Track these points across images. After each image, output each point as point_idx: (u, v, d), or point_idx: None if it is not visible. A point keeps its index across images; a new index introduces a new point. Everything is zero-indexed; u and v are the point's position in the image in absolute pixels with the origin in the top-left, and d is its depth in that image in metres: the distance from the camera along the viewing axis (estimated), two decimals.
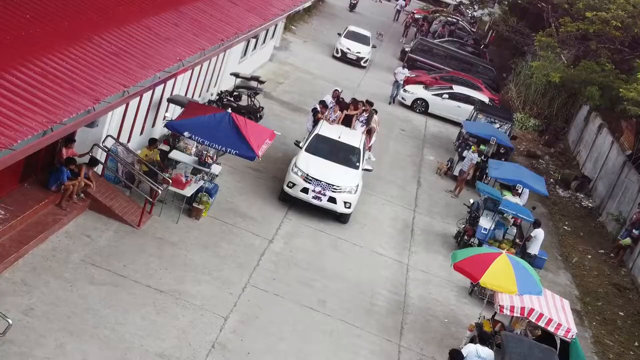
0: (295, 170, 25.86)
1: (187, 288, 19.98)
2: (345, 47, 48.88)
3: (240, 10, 24.59)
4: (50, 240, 20.07)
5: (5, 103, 11.94)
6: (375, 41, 57.94)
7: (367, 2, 77.33)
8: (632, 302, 28.17)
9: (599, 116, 39.66)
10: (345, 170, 26.68)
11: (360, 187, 26.63)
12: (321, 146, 27.29)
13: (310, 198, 25.50)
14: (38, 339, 16.36)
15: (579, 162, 42.55)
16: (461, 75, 49.10)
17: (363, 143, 28.42)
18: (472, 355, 18.45)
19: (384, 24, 67.86)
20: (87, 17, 17.31)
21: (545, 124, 46.62)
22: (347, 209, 25.86)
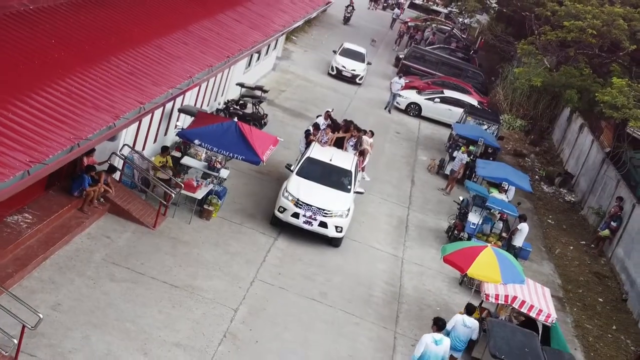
0: (285, 194, 24.29)
1: (200, 283, 20.16)
2: (341, 64, 46.65)
3: (243, 27, 24.61)
4: (74, 242, 20.24)
5: (35, 121, 12.41)
6: (369, 47, 57.62)
7: (363, 11, 76.44)
8: (611, 289, 28.26)
9: (581, 116, 39.56)
10: (336, 193, 25.07)
11: (352, 211, 24.98)
12: (312, 169, 25.69)
13: (301, 223, 23.88)
14: (65, 331, 16.60)
15: (562, 159, 42.43)
16: (452, 80, 48.90)
17: (355, 165, 26.84)
18: (459, 324, 18.90)
19: (379, 33, 67.43)
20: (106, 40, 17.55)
21: (531, 124, 46.45)
22: (339, 233, 24.27)
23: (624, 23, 30.51)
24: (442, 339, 17.74)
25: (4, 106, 12.13)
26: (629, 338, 24.77)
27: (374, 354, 19.72)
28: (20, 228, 18.74)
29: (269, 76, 42.15)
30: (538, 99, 43.84)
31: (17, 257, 18.15)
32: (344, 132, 29.14)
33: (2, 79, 13.05)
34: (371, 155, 30.53)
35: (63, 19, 16.57)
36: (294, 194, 24.10)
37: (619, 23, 30.42)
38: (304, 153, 26.77)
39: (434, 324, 18.16)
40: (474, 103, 44.12)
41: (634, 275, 27.27)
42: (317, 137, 27.81)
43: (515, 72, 40.74)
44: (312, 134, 28.14)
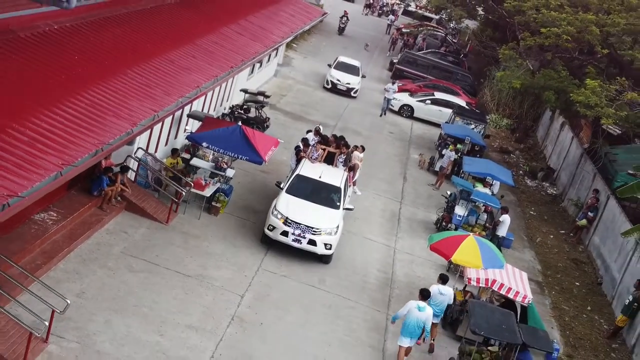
0: (275, 213, 23.22)
1: (209, 272, 20.87)
2: (336, 78, 44.67)
3: (245, 40, 25.06)
4: (95, 237, 20.89)
5: (64, 128, 13.33)
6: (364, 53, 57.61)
7: (358, 17, 76.45)
8: (587, 274, 28.93)
9: (562, 115, 39.87)
10: (325, 211, 23.95)
11: (341, 227, 23.90)
12: (302, 187, 24.58)
13: (290, 241, 22.81)
14: (90, 316, 17.36)
15: (545, 155, 42.80)
16: (442, 83, 49.13)
17: (345, 181, 25.65)
18: (436, 293, 20.06)
19: (374, 38, 67.48)
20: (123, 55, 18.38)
21: (516, 123, 46.68)
22: (328, 250, 23.19)
23: (596, 29, 31.07)
24: (425, 307, 18.88)
25: (37, 116, 13.09)
26: (603, 318, 25.52)
27: (367, 333, 20.50)
28: (47, 225, 19.41)
29: (271, 82, 42.48)
30: (523, 100, 44.23)
31: (45, 251, 18.84)
32: (335, 148, 28.23)
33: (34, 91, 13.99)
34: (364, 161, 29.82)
35: (85, 37, 17.37)
36: (283, 212, 23.15)
37: (591, 29, 30.99)
38: (294, 170, 25.77)
39: (420, 293, 19.32)
40: (463, 104, 44.40)
41: (608, 261, 28.03)
42: (308, 153, 26.82)
43: (497, 76, 41.27)
44: (302, 151, 27.15)
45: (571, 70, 35.57)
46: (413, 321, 18.71)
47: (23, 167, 11.30)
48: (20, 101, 13.34)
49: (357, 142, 36.41)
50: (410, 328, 18.77)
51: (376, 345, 20.14)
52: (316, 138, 28.62)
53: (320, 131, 29.48)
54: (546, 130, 44.74)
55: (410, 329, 18.77)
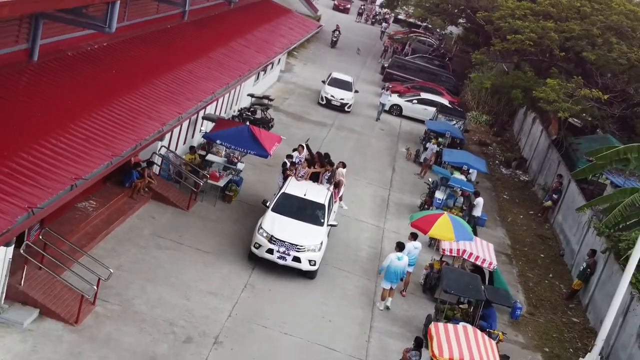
0: (260, 231, 22.37)
1: (225, 249, 22.69)
2: (330, 94, 42.77)
3: (251, 51, 26.60)
4: (128, 222, 22.68)
5: (108, 128, 15.20)
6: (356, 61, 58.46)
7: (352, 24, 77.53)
8: (551, 247, 30.60)
9: (533, 111, 40.76)
10: (309, 228, 23.03)
11: (324, 244, 23.06)
12: (287, 204, 23.63)
13: (275, 258, 22.02)
14: (128, 285, 19.28)
15: (520, 147, 44.11)
16: (427, 84, 50.06)
17: (329, 198, 24.72)
18: (411, 248, 22.99)
19: (367, 45, 68.05)
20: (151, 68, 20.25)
21: (494, 118, 47.70)
22: (312, 267, 22.40)
23: (554, 35, 32.80)
24: (402, 256, 21.95)
25: (88, 118, 15.15)
26: (562, 283, 27.39)
27: (359, 297, 22.49)
28: (88, 211, 21.26)
29: (274, 86, 43.69)
30: (500, 98, 45.36)
31: (87, 233, 20.75)
32: (320, 167, 27.22)
33: (85, 99, 16.09)
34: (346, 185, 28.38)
35: (119, 54, 19.26)
36: (268, 230, 22.32)
37: (550, 35, 32.72)
38: (281, 187, 24.99)
39: (397, 246, 22.32)
40: (446, 103, 45.64)
41: (569, 236, 29.86)
42: (294, 171, 26.04)
43: (471, 77, 42.84)
44: (288, 169, 26.31)
45: (540, 71, 36.93)
46: (393, 269, 21.67)
47: (82, 157, 13.39)
48: (73, 107, 15.42)
49: (352, 138, 38.62)
50: (392, 275, 21.79)
51: (366, 307, 22.07)
52: (302, 156, 27.56)
53: (308, 145, 28.73)
54: (520, 125, 46.02)
55: (391, 276, 21.80)
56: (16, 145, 12.56)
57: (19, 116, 13.67)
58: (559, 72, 34.31)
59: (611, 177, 29.86)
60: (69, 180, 12.22)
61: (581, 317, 25.10)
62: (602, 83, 32.42)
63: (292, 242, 22.10)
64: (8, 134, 12.78)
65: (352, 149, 36.81)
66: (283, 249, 22.03)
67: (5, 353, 15.72)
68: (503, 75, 37.98)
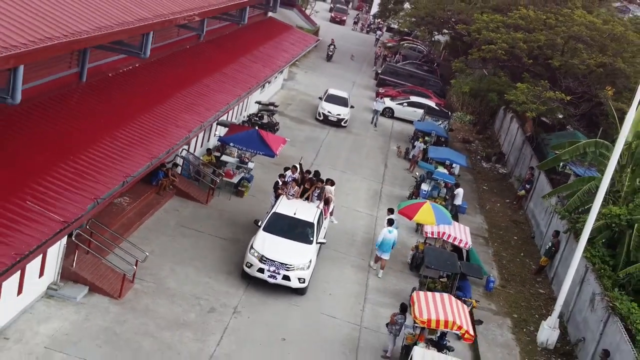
0: (252, 251, 22.03)
1: (239, 236, 24.63)
2: (327, 110, 41.80)
3: (258, 66, 28.36)
4: (156, 214, 24.70)
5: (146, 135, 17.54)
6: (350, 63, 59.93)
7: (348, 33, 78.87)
8: (523, 231, 32.44)
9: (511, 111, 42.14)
10: (299, 247, 22.57)
11: (314, 262, 22.72)
12: (278, 224, 23.13)
13: (266, 277, 21.66)
14: (159, 266, 21.47)
15: (500, 143, 45.75)
16: (417, 88, 51.60)
17: (318, 216, 24.15)
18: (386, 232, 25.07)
19: (362, 52, 69.31)
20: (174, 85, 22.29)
21: (477, 118, 49.54)
22: (302, 284, 21.99)
23: (523, 45, 35.03)
24: (393, 230, 24.66)
25: (126, 127, 17.42)
26: (532, 261, 29.41)
27: (355, 275, 24.64)
28: (123, 206, 23.32)
29: (279, 93, 45.41)
30: (482, 99, 46.63)
31: (123, 224, 22.84)
32: (309, 186, 26.48)
33: (125, 111, 18.31)
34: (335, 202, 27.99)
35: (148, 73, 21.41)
36: (259, 250, 21.98)
37: (520, 45, 35.05)
38: (272, 206, 24.62)
39: (387, 222, 24.85)
40: (433, 105, 47.32)
41: (538, 220, 31.88)
42: (285, 190, 25.48)
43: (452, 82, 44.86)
44: (280, 188, 25.89)
45: (515, 75, 38.80)
46: (386, 241, 24.35)
47: (128, 159, 15.74)
48: (116, 118, 17.75)
49: (349, 138, 40.47)
50: (385, 246, 24.52)
51: (361, 282, 24.26)
52: (294, 175, 26.92)
53: (301, 165, 28.01)
54: (500, 123, 47.77)
55: (385, 247, 24.54)
56: (78, 148, 14.92)
57: (77, 126, 16.01)
58: (531, 76, 36.35)
59: (574, 168, 31.95)
60: (121, 177, 14.59)
61: (547, 288, 27.23)
62: (566, 86, 34.62)
63: (282, 262, 21.75)
64: (70, 139, 15.15)
65: (349, 149, 38.66)
66: (273, 268, 21.66)
67: (64, 321, 18.07)
68: (482, 80, 39.78)
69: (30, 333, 17.27)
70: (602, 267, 23.66)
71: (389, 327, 20.40)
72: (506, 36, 34.82)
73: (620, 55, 33.62)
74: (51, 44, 11.69)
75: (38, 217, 11.89)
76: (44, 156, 13.85)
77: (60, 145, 14.65)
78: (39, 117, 14.39)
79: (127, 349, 17.76)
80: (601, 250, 24.46)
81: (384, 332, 21.14)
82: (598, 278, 23.04)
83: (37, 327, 17.52)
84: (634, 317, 20.49)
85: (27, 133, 14.17)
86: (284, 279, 21.70)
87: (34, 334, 17.27)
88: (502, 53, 34.84)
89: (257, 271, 21.72)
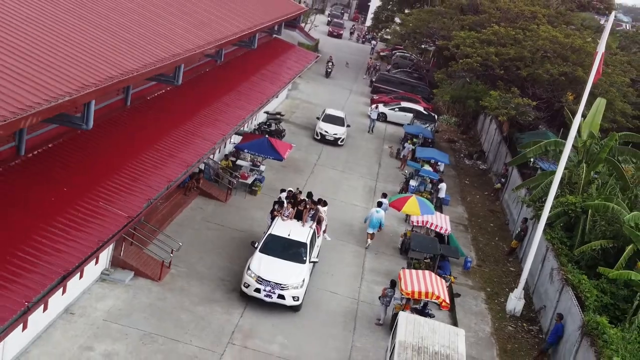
0: (249, 272, 22.21)
1: (254, 229, 27.13)
2: (324, 130, 41.37)
3: (267, 84, 30.54)
4: (184, 212, 27.19)
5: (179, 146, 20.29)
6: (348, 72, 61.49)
7: (345, 43, 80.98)
8: (499, 219, 34.87)
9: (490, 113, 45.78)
10: (292, 267, 22.60)
11: (307, 281, 22.72)
12: (273, 245, 23.21)
13: (262, 296, 21.80)
14: (190, 255, 24.02)
15: (481, 142, 47.99)
16: (407, 95, 54.14)
17: (311, 236, 24.14)
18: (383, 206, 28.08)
19: (357, 60, 71.42)
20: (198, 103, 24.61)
21: (461, 120, 51.62)
22: (296, 302, 22.12)
23: (495, 58, 37.75)
24: (380, 210, 27.46)
25: (163, 140, 20.22)
26: (505, 244, 31.91)
27: (353, 259, 27.22)
28: (157, 205, 24.83)
29: (284, 103, 47.56)
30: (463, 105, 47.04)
31: (158, 220, 25.38)
32: (303, 208, 25.94)
33: (162, 127, 20.96)
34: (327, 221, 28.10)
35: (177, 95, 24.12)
36: (255, 271, 22.17)
37: (492, 58, 37.75)
38: (269, 227, 24.63)
39: (377, 204, 27.64)
40: (421, 109, 49.71)
41: (511, 209, 34.43)
42: (281, 212, 25.35)
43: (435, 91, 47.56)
44: (276, 210, 25.72)
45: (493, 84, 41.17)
46: (374, 218, 27.12)
47: (168, 166, 18.60)
48: (155, 133, 20.57)
49: (346, 141, 42.71)
50: (373, 223, 27.35)
51: (358, 265, 26.91)
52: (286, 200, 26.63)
53: (295, 193, 27.49)
54: (482, 125, 50.14)
55: (373, 223, 27.36)
56: (131, 159, 17.80)
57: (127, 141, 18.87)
58: (505, 83, 39.05)
59: (541, 163, 34.70)
60: (165, 182, 17.50)
61: (517, 267, 29.84)
62: (533, 92, 37.40)
63: (277, 282, 21.90)
64: (124, 153, 18.05)
65: (348, 151, 41.22)
66: (269, 288, 21.82)
67: (116, 299, 20.98)
68: (463, 87, 42.32)
69: (90, 309, 20.18)
70: (560, 247, 26.42)
71: (381, 300, 23.32)
72: (480, 50, 37.42)
73: (581, 64, 36.37)
74: (114, 82, 14.56)
75: (108, 214, 14.79)
76: (102, 166, 16.75)
77: (119, 157, 17.52)
78: (99, 137, 17.23)
79: (168, 320, 20.68)
80: (560, 233, 27.25)
81: (377, 305, 23.92)
82: (556, 256, 25.79)
83: (96, 304, 20.42)
84: (583, 286, 23.31)
85: (93, 152, 17.03)
86: (279, 297, 21.89)
87: (93, 310, 20.20)
88: (477, 65, 37.44)
89: (254, 291, 21.91)
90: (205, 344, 20.01)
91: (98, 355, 18.43)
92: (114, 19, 18.58)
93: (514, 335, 24.52)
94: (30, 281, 11.68)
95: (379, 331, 22.88)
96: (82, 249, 13.12)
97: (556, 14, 41.59)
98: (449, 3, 49.42)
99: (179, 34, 20.86)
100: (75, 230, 13.59)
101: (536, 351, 23.55)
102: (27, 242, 12.55)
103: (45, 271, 12.13)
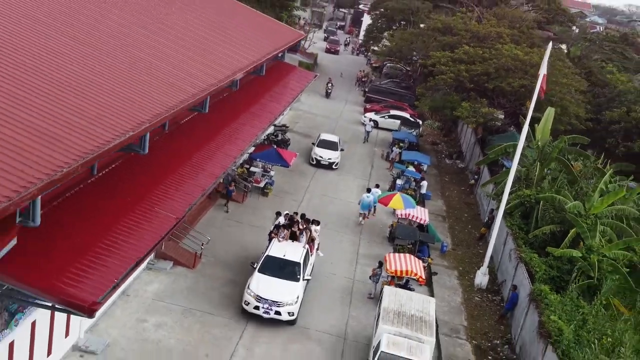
0: (249, 291, 23.11)
1: (267, 225, 29.89)
2: (319, 155, 40.95)
3: (274, 104, 32.91)
4: (209, 212, 30.40)
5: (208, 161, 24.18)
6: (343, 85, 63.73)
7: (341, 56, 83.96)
8: (473, 210, 38.03)
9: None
10: (288, 285, 23.43)
11: (301, 297, 23.60)
12: (270, 265, 24.09)
13: (261, 313, 22.69)
14: (216, 247, 27.28)
15: (460, 144, 51.14)
16: (396, 103, 56.99)
17: (304, 256, 24.94)
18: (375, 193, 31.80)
19: (352, 72, 73.65)
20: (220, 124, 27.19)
21: (443, 124, 54.78)
22: (291, 317, 22.99)
23: (466, 74, 41.38)
24: (370, 195, 30.82)
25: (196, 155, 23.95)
26: (477, 231, 35.19)
27: (350, 247, 30.54)
28: None
29: (288, 114, 49.99)
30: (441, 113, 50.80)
31: (187, 219, 27.99)
32: (297, 229, 26.70)
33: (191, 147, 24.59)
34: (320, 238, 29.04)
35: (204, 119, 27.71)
36: (254, 290, 23.05)
37: (463, 74, 41.38)
38: (267, 248, 25.40)
39: (366, 190, 30.79)
40: (407, 116, 52.75)
41: (483, 202, 37.81)
42: (277, 234, 25.97)
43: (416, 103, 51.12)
44: (272, 233, 26.39)
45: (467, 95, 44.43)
46: (365, 202, 30.57)
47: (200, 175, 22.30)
48: (192, 150, 24.22)
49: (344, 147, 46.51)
50: (364, 205, 30.85)
51: (353, 251, 30.30)
52: (284, 221, 27.45)
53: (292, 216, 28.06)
54: (461, 128, 53.19)
55: (364, 206, 30.85)
56: (173, 172, 21.58)
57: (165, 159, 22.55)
58: (477, 94, 42.70)
59: (506, 162, 38.41)
60: (199, 190, 21.26)
61: (485, 250, 32.65)
62: (499, 102, 41.17)
63: (274, 300, 22.74)
64: (165, 167, 21.80)
65: (344, 155, 43.93)
66: (267, 305, 22.70)
67: (160, 284, 24.71)
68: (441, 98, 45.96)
69: (141, 291, 24.01)
70: (518, 232, 30.17)
71: (371, 278, 27.17)
72: (453, 67, 41.12)
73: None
74: (161, 118, 18.43)
75: (162, 216, 18.64)
76: (153, 180, 20.53)
77: (164, 172, 21.33)
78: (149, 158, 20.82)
79: (203, 298, 24.44)
80: (518, 220, 30.99)
81: (368, 282, 27.58)
82: (514, 239, 29.55)
83: (145, 287, 24.22)
84: (534, 262, 27.15)
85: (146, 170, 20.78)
86: (276, 314, 22.77)
87: (144, 292, 24.04)
88: (451, 80, 41.15)
89: (254, 308, 22.86)
90: (232, 315, 23.80)
91: (151, 326, 22.30)
92: (155, 65, 22.46)
93: (480, 304, 28.33)
94: (114, 265, 15.52)
95: (370, 303, 26.55)
96: (146, 242, 16.93)
97: (519, 33, 45.21)
98: (428, 25, 53.00)
99: (204, 71, 24.59)
100: (139, 228, 17.42)
101: (497, 316, 27.38)
102: (107, 237, 16.40)
103: (122, 258, 15.95)
